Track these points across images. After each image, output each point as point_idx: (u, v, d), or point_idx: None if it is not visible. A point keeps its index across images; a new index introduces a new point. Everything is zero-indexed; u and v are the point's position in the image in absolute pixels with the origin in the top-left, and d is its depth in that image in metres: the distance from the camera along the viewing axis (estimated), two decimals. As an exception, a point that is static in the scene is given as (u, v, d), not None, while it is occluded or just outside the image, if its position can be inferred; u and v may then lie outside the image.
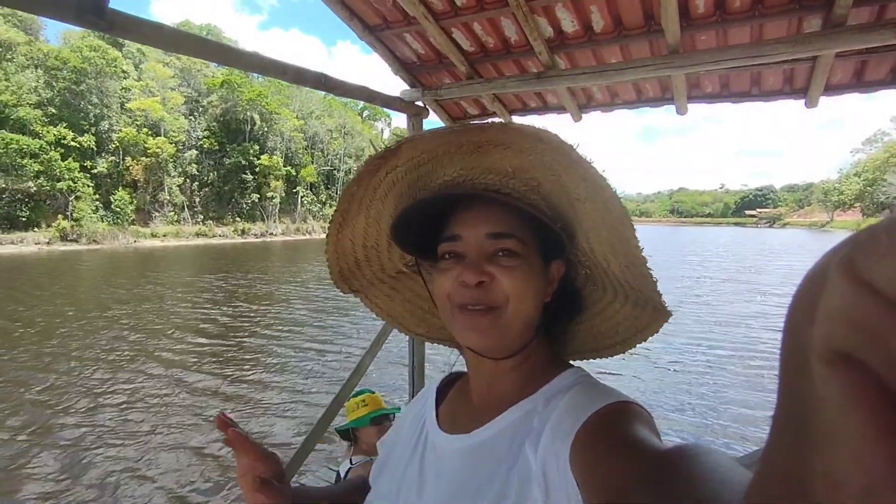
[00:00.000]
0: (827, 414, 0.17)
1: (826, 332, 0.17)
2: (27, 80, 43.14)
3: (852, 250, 0.17)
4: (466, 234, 0.73)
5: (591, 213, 0.67)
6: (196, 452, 6.06)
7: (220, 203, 57.16)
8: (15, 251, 36.39)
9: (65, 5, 1.65)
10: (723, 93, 3.14)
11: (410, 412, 0.93)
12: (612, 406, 0.61)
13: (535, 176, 0.71)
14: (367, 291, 0.97)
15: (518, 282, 0.70)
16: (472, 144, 0.70)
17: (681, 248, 48.52)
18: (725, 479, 0.39)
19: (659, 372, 9.49)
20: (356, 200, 0.81)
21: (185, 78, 57.72)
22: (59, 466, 5.74)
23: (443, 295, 0.74)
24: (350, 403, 2.45)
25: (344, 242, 0.88)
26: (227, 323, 13.48)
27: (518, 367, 0.76)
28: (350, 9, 3.00)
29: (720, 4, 2.46)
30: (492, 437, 0.71)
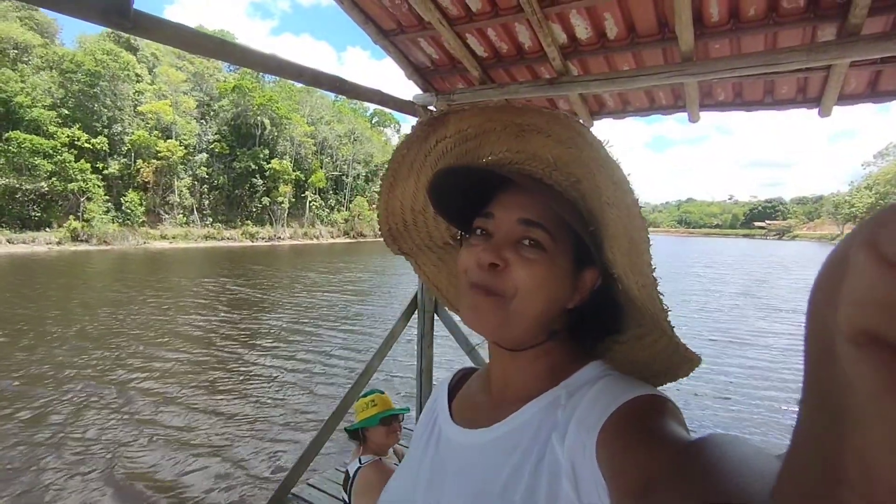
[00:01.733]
0: (856, 397, 0.17)
1: (851, 314, 0.17)
2: (42, 81, 43.76)
3: (875, 230, 0.17)
4: (500, 214, 0.72)
5: (616, 220, 0.64)
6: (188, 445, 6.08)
7: (230, 206, 57.52)
8: (27, 250, 36.74)
9: (91, 6, 1.69)
10: (735, 101, 3.15)
11: (423, 414, 0.92)
12: (641, 398, 0.59)
13: (575, 171, 0.69)
14: (416, 256, 0.98)
15: (533, 276, 0.68)
16: (515, 126, 0.70)
17: (689, 260, 48.24)
18: (754, 468, 0.39)
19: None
20: (407, 163, 0.82)
21: (197, 82, 58.30)
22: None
23: (462, 270, 0.74)
24: (359, 404, 2.45)
25: (394, 202, 0.89)
26: (238, 323, 13.54)
27: (537, 360, 0.74)
28: (365, 13, 3.04)
29: (734, 13, 2.47)
30: (514, 431, 0.69)
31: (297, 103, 65.68)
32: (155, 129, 50.38)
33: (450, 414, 0.83)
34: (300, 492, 3.44)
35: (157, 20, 1.94)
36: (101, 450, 6.13)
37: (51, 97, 43.94)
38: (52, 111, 43.15)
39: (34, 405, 7.46)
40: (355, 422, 2.44)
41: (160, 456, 5.97)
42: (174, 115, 51.31)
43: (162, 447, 6.20)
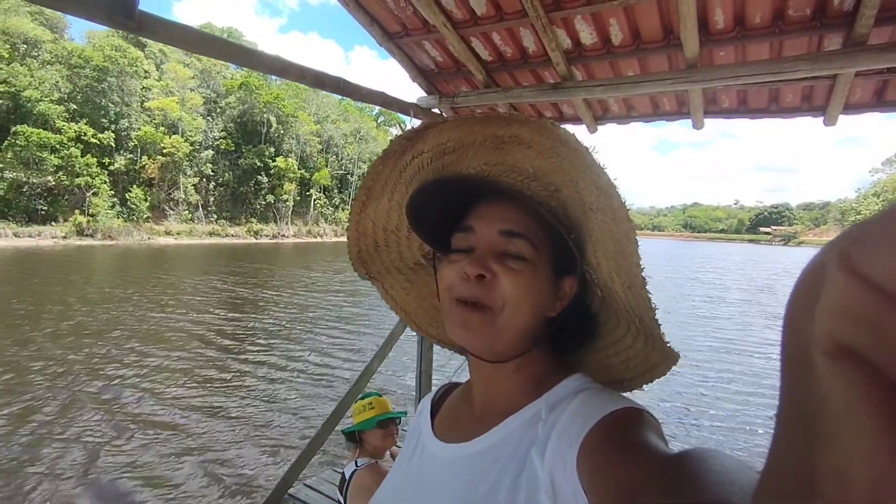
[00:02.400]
0: (832, 409, 0.17)
1: (826, 327, 0.17)
2: (50, 76, 44.03)
3: (849, 244, 0.17)
4: (480, 227, 0.72)
5: (600, 225, 0.64)
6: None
7: (234, 203, 57.71)
8: (32, 244, 36.98)
9: (97, 6, 1.70)
10: (740, 108, 3.14)
11: (409, 429, 0.92)
12: (621, 412, 0.60)
13: (555, 181, 0.70)
14: (383, 280, 0.96)
15: (519, 287, 0.68)
16: (495, 139, 0.69)
17: (693, 265, 48.07)
18: (734, 481, 0.39)
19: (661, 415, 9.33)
20: (381, 179, 0.80)
21: (204, 79, 58.52)
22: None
23: (445, 287, 0.73)
24: (357, 406, 2.45)
25: (366, 222, 0.87)
26: (237, 321, 13.57)
27: (518, 371, 0.74)
28: (370, 15, 3.04)
29: (740, 20, 2.46)
30: (494, 445, 0.69)
31: (304, 101, 65.86)
32: (161, 125, 50.61)
33: (432, 428, 0.83)
34: (297, 492, 3.44)
35: (162, 21, 1.95)
36: (90, 448, 6.10)
37: (59, 92, 44.22)
38: (60, 106, 43.43)
39: (21, 399, 7.44)
40: (353, 424, 2.44)
41: (153, 454, 5.96)
42: (181, 112, 51.50)
43: (155, 445, 6.20)
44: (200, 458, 5.91)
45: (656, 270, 38.44)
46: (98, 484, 5.28)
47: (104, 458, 5.83)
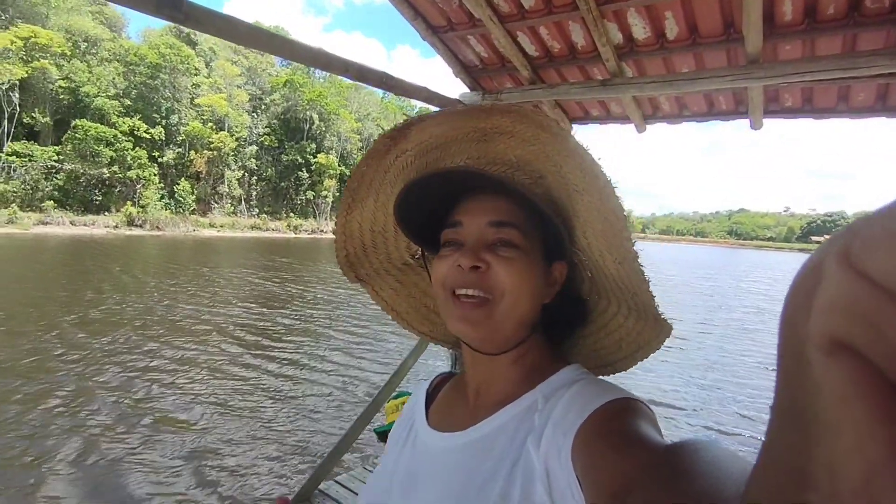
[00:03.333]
0: (826, 403, 0.18)
1: (823, 323, 0.18)
2: (107, 73, 46.26)
3: (848, 240, 0.17)
4: (468, 221, 0.72)
5: (587, 206, 0.66)
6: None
7: (276, 198, 59.21)
8: (87, 232, 38.92)
9: (146, -3, 1.70)
10: (804, 108, 2.94)
11: (400, 418, 0.91)
12: (616, 402, 0.60)
13: (538, 168, 0.71)
14: (373, 282, 0.96)
15: (514, 274, 0.69)
16: (478, 132, 0.70)
17: (739, 273, 46.36)
18: (728, 472, 0.39)
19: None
20: (366, 181, 0.81)
21: (250, 76, 60.26)
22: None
23: (439, 281, 0.73)
24: (389, 405, 2.42)
25: (352, 225, 0.87)
26: (271, 317, 13.86)
27: (515, 362, 0.74)
28: (415, 8, 3.00)
29: (810, 12, 2.29)
30: (489, 434, 0.69)
31: (346, 99, 66.95)
32: (209, 120, 52.36)
33: (426, 418, 0.83)
34: (327, 488, 3.44)
35: (209, 12, 1.95)
36: (123, 438, 6.31)
37: (115, 88, 46.42)
38: (116, 101, 45.56)
39: (35, 385, 7.51)
40: (385, 423, 2.40)
41: (187, 445, 6.10)
42: (228, 108, 53.14)
43: (186, 437, 6.32)
44: (228, 452, 5.99)
45: (696, 279, 37.22)
46: (107, 479, 5.40)
47: (130, 445, 6.01)
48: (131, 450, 5.79)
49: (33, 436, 5.97)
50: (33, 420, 6.39)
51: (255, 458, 5.80)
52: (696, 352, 12.28)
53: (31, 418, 6.45)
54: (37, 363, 8.53)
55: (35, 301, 13.24)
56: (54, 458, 5.49)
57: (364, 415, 3.41)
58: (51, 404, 6.90)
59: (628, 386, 0.64)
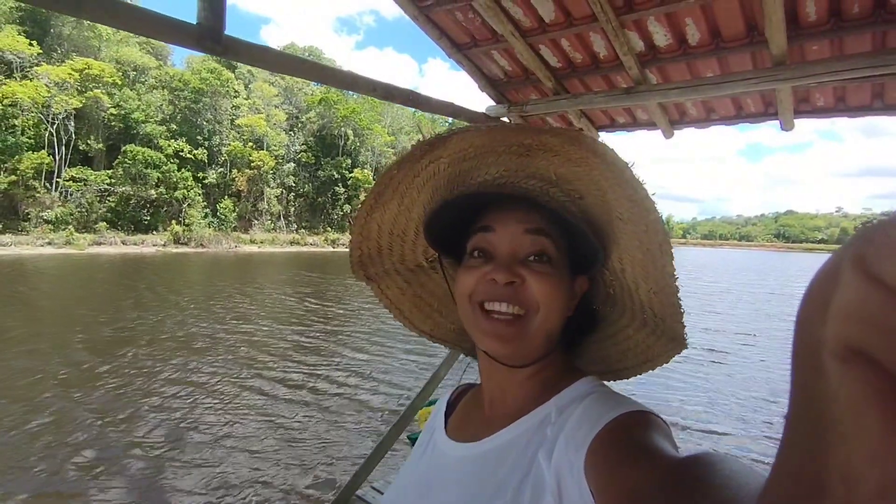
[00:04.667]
0: (842, 411, 0.17)
1: (838, 329, 0.17)
2: (154, 99, 48.78)
3: (863, 247, 0.17)
4: (501, 227, 0.71)
5: (629, 235, 0.65)
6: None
7: (313, 213, 60.68)
8: (137, 251, 40.86)
9: (188, 34, 1.85)
10: (838, 106, 2.87)
11: (424, 428, 0.93)
12: (628, 415, 0.59)
13: (579, 188, 0.69)
14: (380, 281, 0.94)
15: (549, 289, 0.68)
16: (521, 146, 0.68)
17: (786, 279, 44.38)
18: (743, 487, 0.38)
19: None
20: (393, 184, 0.77)
21: (287, 96, 62.24)
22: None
23: (465, 293, 0.72)
24: (423, 413, 2.48)
25: (371, 226, 0.85)
26: (308, 324, 14.16)
27: (533, 376, 0.74)
28: (439, 28, 3.10)
29: (835, 11, 2.26)
30: (502, 446, 0.69)
31: (379, 114, 68.21)
32: (249, 140, 54.26)
33: (445, 427, 0.84)
34: (364, 494, 3.52)
35: (245, 44, 2.09)
36: (164, 450, 6.58)
37: (161, 113, 48.73)
38: (162, 126, 47.82)
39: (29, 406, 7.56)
40: (419, 430, 2.46)
41: (224, 453, 6.29)
42: (266, 128, 54.98)
43: (225, 446, 6.51)
44: (267, 458, 6.16)
45: (739, 285, 35.86)
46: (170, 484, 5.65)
47: (164, 455, 6.25)
48: (179, 458, 6.04)
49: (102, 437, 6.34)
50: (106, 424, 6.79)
51: (294, 466, 5.96)
52: (734, 367, 11.55)
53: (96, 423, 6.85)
54: (35, 381, 8.97)
55: (87, 318, 13.98)
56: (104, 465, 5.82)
57: (399, 422, 3.48)
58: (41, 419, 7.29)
59: (645, 402, 0.66)
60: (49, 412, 7.19)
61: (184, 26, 1.88)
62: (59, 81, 41.26)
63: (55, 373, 8.93)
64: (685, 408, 8.51)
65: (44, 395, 7.88)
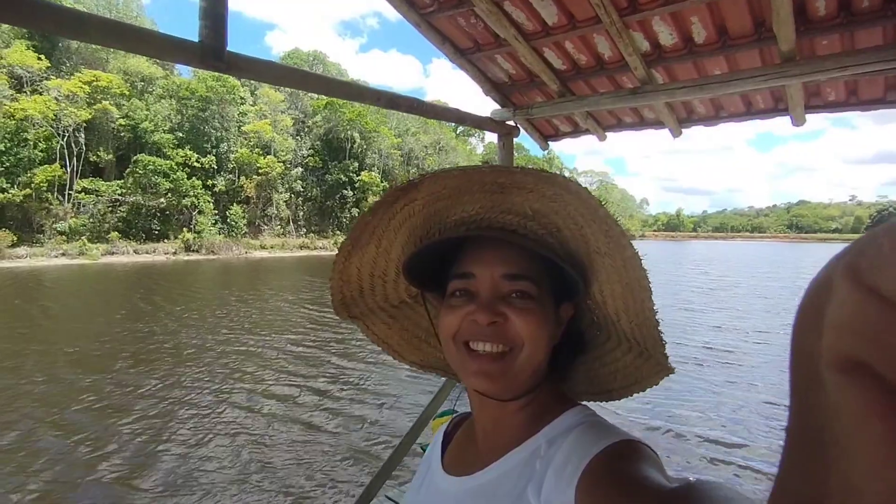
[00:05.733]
0: (842, 424, 0.17)
1: (834, 341, 0.17)
2: (162, 108, 49.28)
3: (856, 257, 0.17)
4: (480, 272, 0.71)
5: (608, 268, 0.67)
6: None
7: (322, 217, 60.96)
8: (149, 260, 41.33)
9: (192, 52, 1.86)
10: (850, 100, 2.83)
11: (423, 459, 0.93)
12: (616, 445, 0.59)
13: (556, 221, 0.70)
14: (365, 319, 0.95)
15: (532, 325, 0.69)
16: (496, 185, 0.69)
17: (799, 271, 43.80)
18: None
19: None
20: (369, 230, 0.79)
21: (293, 101, 62.57)
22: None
23: (449, 333, 0.72)
24: (436, 423, 2.46)
25: (350, 270, 0.86)
26: (317, 331, 14.22)
27: (523, 408, 0.73)
28: (442, 34, 3.08)
29: (845, 5, 2.22)
30: (494, 480, 0.69)
31: (385, 116, 68.27)
32: (256, 146, 54.62)
33: (441, 460, 0.84)
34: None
35: (247, 60, 2.09)
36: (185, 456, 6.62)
37: (169, 122, 49.20)
38: (170, 135, 48.28)
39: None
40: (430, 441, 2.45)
41: (236, 460, 6.32)
42: (273, 133, 55.32)
43: (238, 453, 6.54)
44: (280, 468, 6.18)
45: (748, 278, 35.46)
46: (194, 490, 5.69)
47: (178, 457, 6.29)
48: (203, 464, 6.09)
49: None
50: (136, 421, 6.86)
51: (310, 476, 5.97)
52: (742, 370, 10.80)
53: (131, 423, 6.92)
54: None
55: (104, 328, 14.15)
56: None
57: (412, 431, 3.46)
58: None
59: (642, 407, 0.65)
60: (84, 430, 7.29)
61: (187, 45, 1.88)
62: (68, 94, 41.82)
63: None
64: (688, 414, 8.34)
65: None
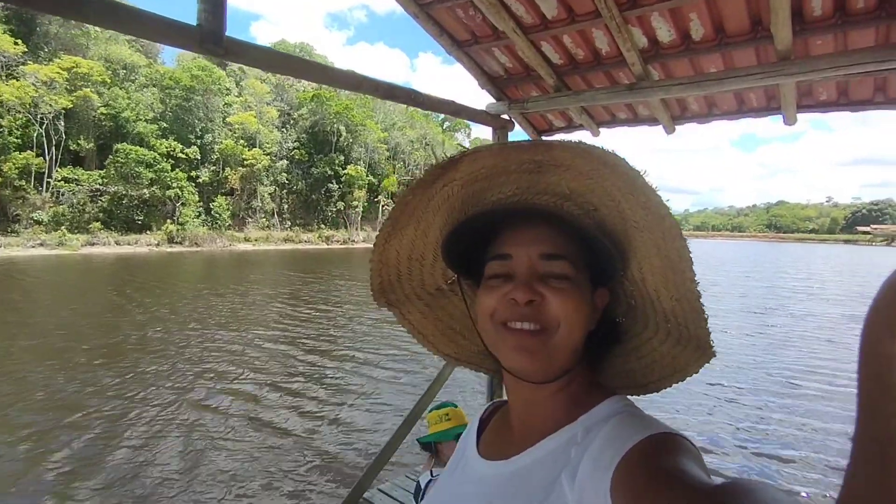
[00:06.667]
0: None
1: None
2: (145, 97, 48.32)
3: None
4: (517, 252, 0.71)
5: (647, 242, 0.66)
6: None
7: (307, 210, 60.48)
8: (131, 251, 40.63)
9: (190, 37, 1.82)
10: (840, 101, 2.87)
11: (458, 445, 0.92)
12: (655, 437, 0.57)
13: (592, 200, 0.70)
14: (401, 306, 0.95)
15: (569, 305, 0.68)
16: (532, 164, 0.68)
17: (777, 270, 44.64)
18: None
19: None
20: (408, 210, 0.79)
21: (279, 93, 61.86)
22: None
23: (486, 313, 0.72)
24: (432, 416, 2.46)
25: (389, 253, 0.86)
26: (307, 324, 14.14)
27: (558, 392, 0.73)
28: (440, 25, 3.06)
29: (841, 5, 2.25)
30: (528, 466, 0.69)
31: (372, 110, 67.85)
32: (241, 138, 53.90)
33: (477, 445, 0.84)
34: (371, 496, 3.52)
35: (246, 45, 2.06)
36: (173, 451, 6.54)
37: (152, 112, 48.28)
38: (154, 124, 47.39)
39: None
40: (428, 433, 2.45)
41: (228, 456, 6.27)
42: (258, 125, 54.61)
43: (230, 448, 6.49)
44: (274, 460, 6.15)
45: (727, 277, 36.06)
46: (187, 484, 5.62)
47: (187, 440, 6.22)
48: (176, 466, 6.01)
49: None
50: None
51: (303, 470, 5.94)
52: (714, 373, 10.12)
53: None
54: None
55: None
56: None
57: (404, 424, 3.46)
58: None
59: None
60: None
61: (184, 29, 1.84)
62: (46, 81, 40.77)
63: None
64: (658, 416, 8.45)
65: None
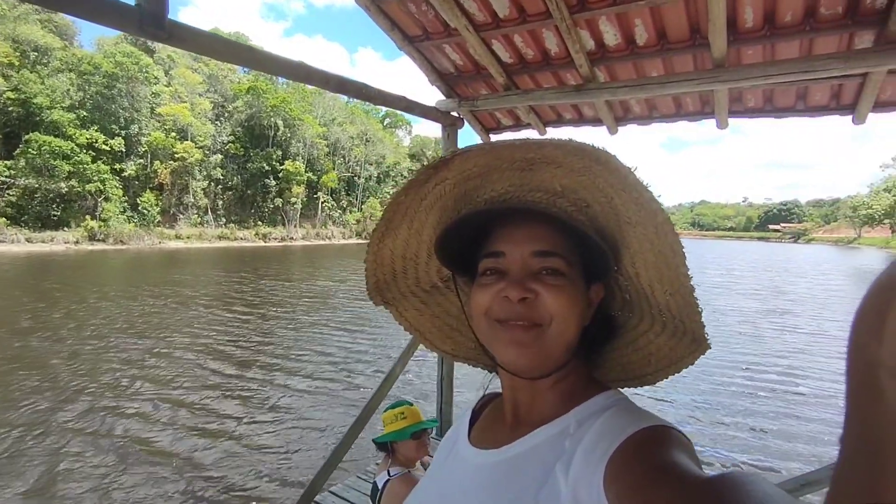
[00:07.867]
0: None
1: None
2: (61, 83, 44.55)
3: None
4: (510, 250, 0.71)
5: (640, 238, 0.66)
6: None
7: (243, 207, 58.12)
8: (46, 249, 37.41)
9: (129, 18, 1.70)
10: (766, 107, 3.10)
11: (446, 436, 0.92)
12: (649, 430, 0.58)
13: (585, 196, 0.70)
14: (397, 304, 0.95)
15: (562, 301, 0.68)
16: (524, 161, 0.69)
17: (703, 263, 47.51)
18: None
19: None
20: (401, 210, 0.79)
21: (212, 84, 58.94)
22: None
23: (481, 310, 0.72)
24: (387, 415, 2.43)
25: (384, 252, 0.86)
26: (249, 320, 13.64)
27: (553, 387, 0.73)
28: (391, 19, 3.03)
29: (770, 18, 2.43)
30: (521, 455, 0.69)
31: (310, 105, 66.09)
32: (171, 130, 50.98)
33: (469, 435, 0.84)
34: (323, 499, 3.43)
35: (191, 30, 1.95)
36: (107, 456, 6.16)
37: (70, 99, 44.67)
38: (71, 113, 43.85)
39: None
40: (384, 433, 2.42)
41: (175, 465, 5.98)
42: (190, 117, 51.87)
43: (172, 457, 6.20)
44: (221, 467, 5.91)
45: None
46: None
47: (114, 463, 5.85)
48: (113, 480, 5.64)
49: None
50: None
51: (248, 474, 5.73)
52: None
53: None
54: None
55: None
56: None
57: (356, 424, 3.42)
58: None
59: None
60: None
61: (122, 8, 1.73)
62: (-57, 61, 36.85)
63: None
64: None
65: None
